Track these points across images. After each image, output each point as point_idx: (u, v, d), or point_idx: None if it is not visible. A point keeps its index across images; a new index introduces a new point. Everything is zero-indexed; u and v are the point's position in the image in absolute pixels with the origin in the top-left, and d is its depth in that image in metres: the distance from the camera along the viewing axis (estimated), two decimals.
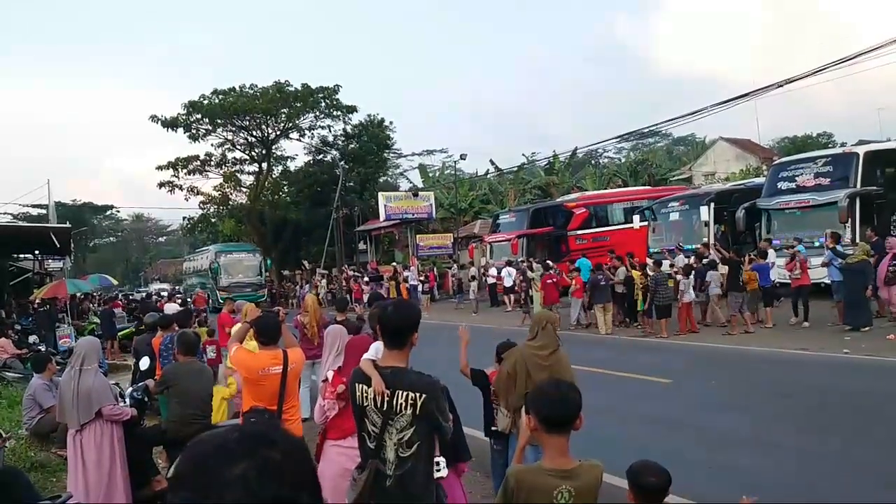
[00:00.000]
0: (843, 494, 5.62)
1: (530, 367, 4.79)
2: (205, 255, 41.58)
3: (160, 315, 10.64)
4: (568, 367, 4.84)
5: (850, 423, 7.62)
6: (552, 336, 4.93)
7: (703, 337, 14.56)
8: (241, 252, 39.65)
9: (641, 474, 2.92)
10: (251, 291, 34.86)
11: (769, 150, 50.50)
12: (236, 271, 37.59)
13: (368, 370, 3.32)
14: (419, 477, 3.21)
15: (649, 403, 9.36)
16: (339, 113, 44.22)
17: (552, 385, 2.79)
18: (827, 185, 17.27)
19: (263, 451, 1.02)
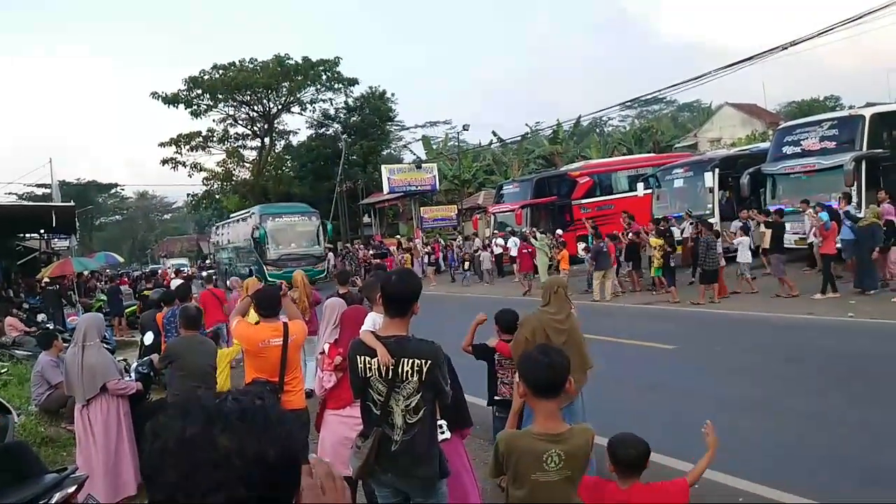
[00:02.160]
0: (849, 455, 5.64)
1: (549, 332, 4.82)
2: (243, 222, 32.43)
3: (164, 290, 10.69)
4: (578, 329, 4.91)
5: (857, 386, 7.63)
6: (564, 300, 4.97)
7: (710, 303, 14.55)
8: (293, 214, 30.73)
9: (619, 447, 2.97)
10: (308, 265, 26.55)
11: (776, 114, 50.00)
12: (289, 239, 29.40)
13: (371, 342, 3.35)
14: (424, 441, 3.29)
15: (654, 369, 9.39)
16: (340, 86, 43.93)
17: (540, 351, 2.79)
18: (833, 148, 17.04)
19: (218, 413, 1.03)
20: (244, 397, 1.07)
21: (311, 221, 30.40)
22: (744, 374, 8.69)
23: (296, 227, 29.96)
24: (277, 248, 28.69)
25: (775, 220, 15.15)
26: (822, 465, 5.49)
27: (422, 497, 3.39)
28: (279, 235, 29.13)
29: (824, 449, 5.84)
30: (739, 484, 5.21)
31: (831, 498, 4.83)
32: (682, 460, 5.27)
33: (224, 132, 45.34)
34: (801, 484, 5.09)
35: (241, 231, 32.65)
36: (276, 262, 27.83)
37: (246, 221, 31.73)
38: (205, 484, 0.96)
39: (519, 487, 2.73)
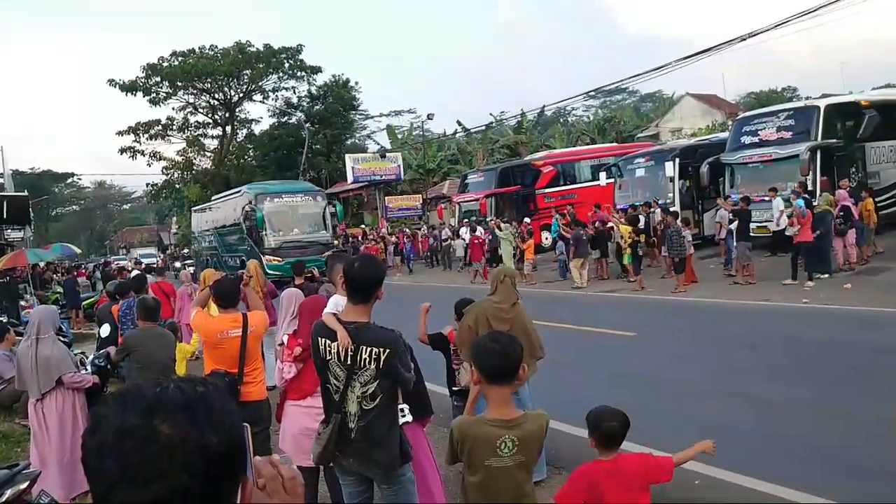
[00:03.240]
0: (799, 435, 5.80)
1: (491, 320, 4.81)
2: (232, 203, 27.01)
3: (118, 283, 10.52)
4: (525, 319, 4.89)
5: (813, 370, 7.84)
6: (511, 290, 4.96)
7: (664, 290, 14.79)
8: (295, 193, 25.89)
9: (600, 420, 3.00)
10: (315, 254, 21.95)
11: (735, 105, 50.83)
12: (290, 223, 24.71)
13: (332, 324, 3.33)
14: (382, 427, 3.29)
15: (615, 357, 9.52)
16: (302, 74, 43.48)
17: (492, 338, 2.81)
18: (789, 138, 17.44)
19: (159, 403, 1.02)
20: (187, 384, 1.06)
21: (317, 202, 25.57)
22: (699, 361, 8.87)
23: (298, 210, 25.14)
24: (277, 234, 24.03)
25: (742, 208, 15.44)
26: (774, 447, 5.64)
27: (385, 482, 3.39)
28: (279, 219, 24.38)
29: (776, 431, 6.00)
30: (695, 466, 5.31)
31: (780, 477, 4.96)
32: (642, 445, 5.38)
33: (184, 120, 44.59)
34: (753, 465, 5.22)
35: (228, 215, 27.54)
36: (276, 252, 23.35)
37: (234, 203, 26.56)
38: (146, 474, 0.96)
39: (474, 473, 2.76)
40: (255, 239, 24.11)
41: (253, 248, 24.12)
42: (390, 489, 3.40)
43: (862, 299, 11.41)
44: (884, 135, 17.87)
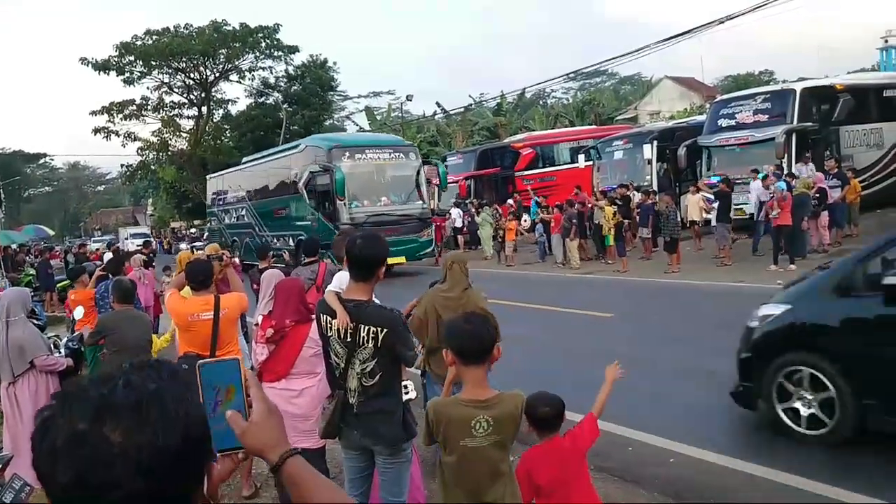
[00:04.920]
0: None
1: (439, 310, 4.78)
2: (285, 161, 21.01)
3: (95, 265, 10.40)
4: (479, 305, 4.70)
5: None
6: (460, 277, 4.88)
7: (643, 272, 14.91)
8: (381, 147, 19.73)
9: (534, 406, 3.05)
10: (409, 233, 17.92)
11: (713, 88, 51.13)
12: (377, 190, 18.74)
13: (333, 303, 3.37)
14: (385, 402, 3.35)
15: (591, 337, 9.60)
16: (280, 53, 42.90)
17: (465, 319, 2.83)
18: (765, 121, 17.61)
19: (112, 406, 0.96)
20: (139, 379, 1.00)
21: (410, 161, 19.35)
22: (674, 341, 8.97)
23: (386, 171, 18.93)
24: (361, 204, 17.99)
25: (723, 190, 15.56)
26: (748, 426, 5.74)
27: (387, 455, 3.44)
28: (363, 184, 18.17)
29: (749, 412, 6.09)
30: (671, 445, 5.40)
31: (755, 456, 5.05)
32: (621, 425, 5.46)
33: (159, 100, 43.87)
34: (727, 442, 5.31)
35: (276, 178, 21.26)
36: (357, 228, 16.04)
37: (289, 162, 20.47)
38: (100, 482, 0.92)
39: (449, 453, 2.78)
40: (329, 211, 17.94)
41: (322, 223, 17.96)
42: (390, 461, 3.46)
43: None
44: (857, 118, 18.10)
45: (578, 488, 3.06)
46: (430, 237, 19.05)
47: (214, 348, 4.75)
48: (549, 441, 3.06)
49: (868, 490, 4.31)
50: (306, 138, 22.92)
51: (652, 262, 16.18)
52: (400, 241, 16.69)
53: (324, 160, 18.23)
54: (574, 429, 3.14)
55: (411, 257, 17.89)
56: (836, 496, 4.35)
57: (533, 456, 3.07)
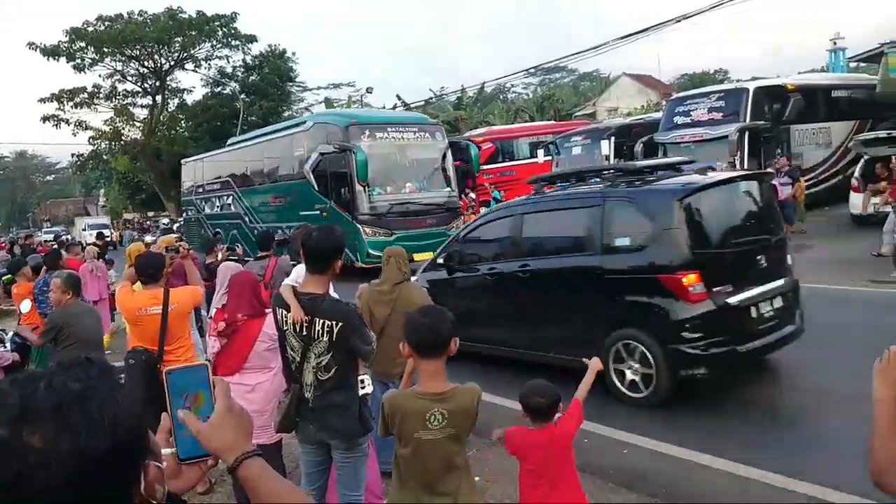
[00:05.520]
0: (729, 410, 6.04)
1: (371, 305, 4.78)
2: (287, 141, 18.16)
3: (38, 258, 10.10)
4: (412, 299, 4.66)
5: None
6: (394, 271, 4.86)
7: None
8: (405, 126, 17.10)
9: (529, 395, 3.17)
10: (436, 225, 15.46)
11: (669, 85, 51.99)
12: (401, 174, 16.24)
13: (288, 297, 3.36)
14: (340, 397, 3.35)
15: None
16: (237, 43, 42.12)
17: (421, 312, 2.85)
18: (719, 119, 17.97)
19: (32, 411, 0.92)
20: (63, 379, 0.96)
21: (436, 141, 16.80)
22: None
23: (409, 153, 16.33)
24: (381, 191, 15.42)
25: None
26: (700, 415, 5.87)
27: (344, 449, 3.45)
28: (382, 168, 15.50)
29: (704, 402, 6.23)
30: (621, 436, 5.49)
31: (707, 445, 5.16)
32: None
33: (111, 88, 42.65)
34: (679, 432, 5.42)
35: (275, 160, 18.51)
36: (380, 220, 15.09)
37: (292, 141, 17.70)
38: (23, 490, 0.89)
39: (404, 445, 2.79)
40: (344, 199, 15.39)
41: (335, 212, 15.34)
42: (346, 455, 3.46)
43: None
44: (807, 118, 18.61)
45: (566, 474, 3.18)
46: (453, 227, 15.61)
47: (163, 343, 4.66)
48: (542, 429, 3.16)
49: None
50: (312, 115, 20.36)
51: None
52: (428, 234, 14.57)
53: (339, 139, 15.44)
54: (564, 415, 3.24)
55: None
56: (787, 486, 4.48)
57: (529, 439, 3.17)
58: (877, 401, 1.71)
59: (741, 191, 6.79)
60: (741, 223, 6.59)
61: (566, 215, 6.92)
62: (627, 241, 6.11)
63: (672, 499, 4.49)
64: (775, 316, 6.23)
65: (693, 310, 5.67)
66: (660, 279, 5.80)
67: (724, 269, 5.95)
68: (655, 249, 5.92)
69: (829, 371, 6.54)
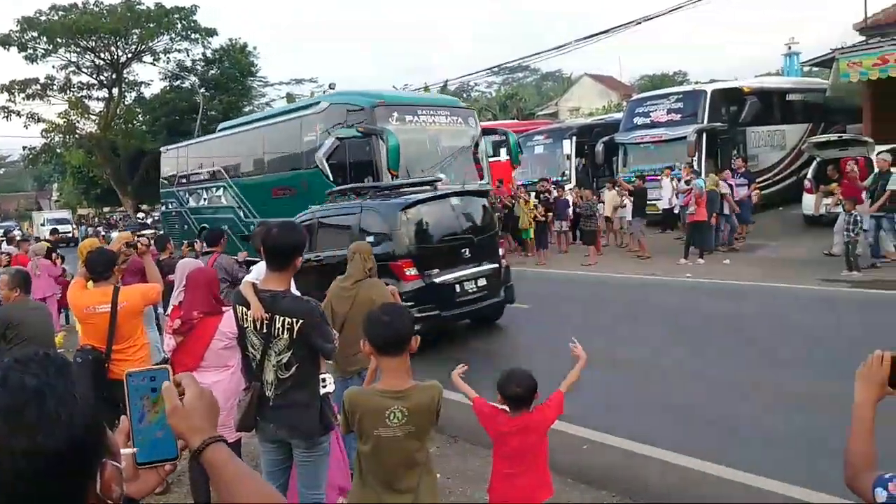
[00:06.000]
0: (681, 403, 6.16)
1: (333, 300, 4.78)
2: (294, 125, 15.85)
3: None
4: (372, 296, 4.63)
5: (691, 339, 8.32)
6: (357, 267, 4.86)
7: (561, 265, 15.26)
8: (436, 108, 15.11)
9: (506, 384, 3.24)
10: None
11: (630, 86, 52.71)
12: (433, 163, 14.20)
13: (248, 294, 3.33)
14: (301, 394, 3.33)
15: (508, 327, 9.76)
16: (197, 36, 41.41)
17: (381, 310, 2.84)
18: (678, 120, 18.31)
19: None
20: (17, 377, 0.94)
21: (469, 128, 15.18)
22: (591, 330, 9.23)
23: (442, 140, 14.56)
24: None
25: (638, 186, 16.08)
26: (663, 413, 5.96)
27: (303, 447, 3.42)
28: (413, 156, 13.67)
29: (664, 398, 6.34)
30: (581, 432, 5.55)
31: (661, 439, 5.25)
32: None
33: (66, 80, 41.53)
34: (638, 428, 5.50)
35: (275, 146, 16.53)
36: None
37: (301, 125, 15.49)
38: None
39: (365, 442, 2.78)
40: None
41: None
42: (307, 454, 3.44)
43: (740, 274, 12.19)
44: (763, 120, 19.06)
45: (538, 463, 3.24)
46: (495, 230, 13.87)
47: (111, 342, 4.56)
48: (523, 416, 3.23)
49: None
50: (327, 95, 16.69)
51: (569, 255, 16.55)
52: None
53: (364, 122, 13.64)
54: (542, 404, 3.30)
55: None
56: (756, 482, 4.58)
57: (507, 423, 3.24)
58: (856, 404, 1.74)
59: (451, 203, 9.14)
60: (449, 226, 9.00)
61: (341, 219, 9.43)
62: (373, 238, 7.93)
63: (631, 494, 4.55)
64: (479, 291, 8.75)
65: (409, 286, 8.02)
66: (389, 265, 7.98)
67: (434, 258, 8.41)
68: (387, 244, 8.25)
69: (786, 367, 6.69)
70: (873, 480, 1.59)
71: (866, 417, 1.71)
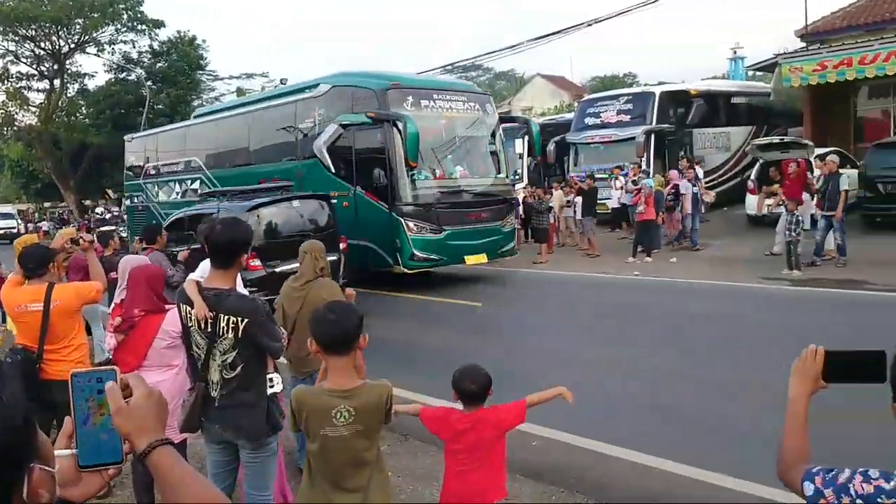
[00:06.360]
0: (627, 393, 6.27)
1: (284, 301, 4.74)
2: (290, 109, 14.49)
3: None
4: (323, 296, 4.42)
5: (637, 334, 8.52)
6: (307, 266, 4.79)
7: (511, 263, 15.37)
8: (454, 93, 13.54)
9: (461, 380, 3.22)
10: (492, 221, 12.82)
11: (581, 87, 53.42)
12: (451, 154, 12.99)
13: (191, 292, 3.26)
14: (246, 396, 3.27)
15: (458, 324, 9.81)
16: (144, 27, 40.32)
17: (326, 308, 2.80)
18: (628, 121, 18.67)
19: None
20: None
21: (487, 115, 13.77)
22: (539, 328, 9.34)
23: (459, 128, 13.14)
24: (429, 175, 12.41)
25: (588, 185, 16.31)
26: (606, 406, 6.06)
27: (251, 449, 3.37)
28: (429, 146, 12.35)
29: (608, 392, 6.44)
30: (533, 429, 5.59)
31: (606, 433, 5.34)
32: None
33: (3, 70, 39.98)
34: (585, 424, 5.58)
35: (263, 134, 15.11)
36: (427, 211, 12.05)
37: (295, 109, 14.28)
38: None
39: (312, 441, 2.76)
40: (378, 185, 12.02)
41: (366, 202, 12.28)
42: (253, 455, 3.39)
43: (686, 272, 12.49)
44: (709, 122, 19.56)
45: (493, 461, 3.21)
46: (512, 226, 13.72)
47: (43, 342, 4.40)
48: (478, 412, 3.21)
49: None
50: (328, 76, 14.14)
51: (520, 253, 16.65)
52: (481, 230, 12.39)
53: (374, 107, 12.11)
54: (501, 406, 3.28)
55: (493, 255, 12.82)
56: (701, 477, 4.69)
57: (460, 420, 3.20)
58: (791, 399, 1.77)
59: (293, 205, 10.82)
60: (292, 224, 10.55)
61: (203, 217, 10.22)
62: None
63: (582, 489, 4.61)
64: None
65: (253, 274, 9.10)
66: None
67: (276, 251, 9.62)
68: None
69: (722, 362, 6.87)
70: (802, 474, 1.63)
71: (800, 412, 1.75)
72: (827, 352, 1.73)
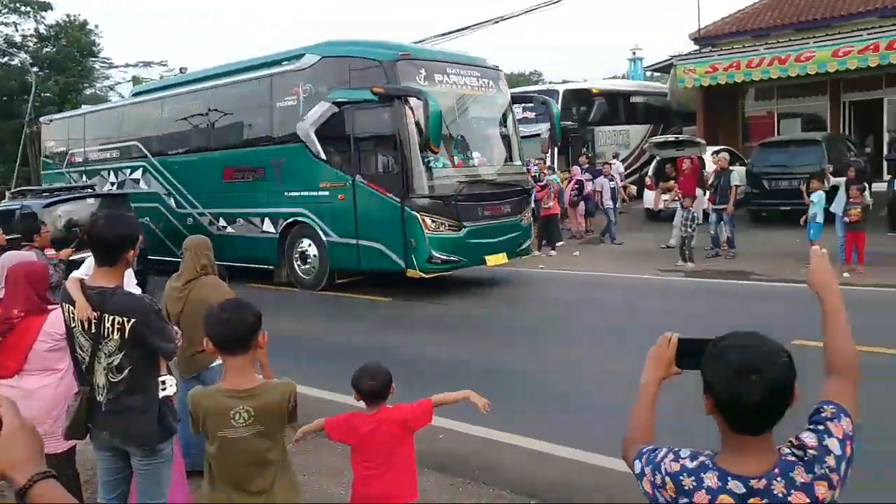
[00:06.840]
0: (524, 387, 6.40)
1: (166, 301, 4.55)
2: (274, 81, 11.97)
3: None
4: (205, 297, 4.26)
5: (554, 327, 8.74)
6: (188, 265, 4.60)
7: None
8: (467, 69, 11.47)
9: (361, 379, 3.16)
10: (511, 216, 11.23)
11: None
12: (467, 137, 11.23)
13: (73, 291, 3.06)
14: (134, 400, 3.10)
15: (365, 319, 9.81)
16: (28, 9, 37.85)
17: (221, 307, 2.72)
18: (533, 118, 19.04)
19: None
20: None
21: (500, 92, 12.18)
22: (448, 323, 9.42)
23: (473, 108, 11.49)
24: (446, 162, 10.68)
25: None
26: (511, 399, 6.17)
27: (142, 456, 3.20)
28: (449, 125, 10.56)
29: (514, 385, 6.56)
30: (441, 422, 5.62)
31: (517, 426, 5.44)
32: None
33: None
34: (490, 416, 5.65)
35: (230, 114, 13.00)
36: (445, 205, 10.34)
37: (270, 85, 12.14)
38: None
39: (211, 443, 2.67)
40: (385, 174, 10.57)
41: (370, 194, 10.60)
42: (145, 462, 3.22)
43: (589, 264, 12.90)
44: (609, 120, 20.25)
45: (400, 460, 3.14)
46: (529, 221, 12.13)
47: None
48: (380, 411, 3.14)
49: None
50: (314, 46, 11.84)
51: None
52: (502, 226, 11.04)
53: (382, 80, 10.24)
54: (406, 404, 3.23)
55: (513, 254, 11.44)
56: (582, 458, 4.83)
57: (362, 421, 3.14)
58: (643, 383, 1.83)
59: (88, 203, 11.69)
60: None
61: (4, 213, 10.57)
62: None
63: (487, 480, 4.67)
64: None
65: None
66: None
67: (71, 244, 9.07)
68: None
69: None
70: (635, 454, 1.72)
71: (650, 395, 1.82)
72: (680, 339, 1.79)
